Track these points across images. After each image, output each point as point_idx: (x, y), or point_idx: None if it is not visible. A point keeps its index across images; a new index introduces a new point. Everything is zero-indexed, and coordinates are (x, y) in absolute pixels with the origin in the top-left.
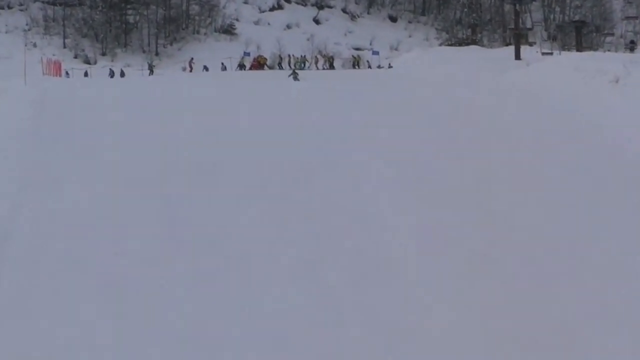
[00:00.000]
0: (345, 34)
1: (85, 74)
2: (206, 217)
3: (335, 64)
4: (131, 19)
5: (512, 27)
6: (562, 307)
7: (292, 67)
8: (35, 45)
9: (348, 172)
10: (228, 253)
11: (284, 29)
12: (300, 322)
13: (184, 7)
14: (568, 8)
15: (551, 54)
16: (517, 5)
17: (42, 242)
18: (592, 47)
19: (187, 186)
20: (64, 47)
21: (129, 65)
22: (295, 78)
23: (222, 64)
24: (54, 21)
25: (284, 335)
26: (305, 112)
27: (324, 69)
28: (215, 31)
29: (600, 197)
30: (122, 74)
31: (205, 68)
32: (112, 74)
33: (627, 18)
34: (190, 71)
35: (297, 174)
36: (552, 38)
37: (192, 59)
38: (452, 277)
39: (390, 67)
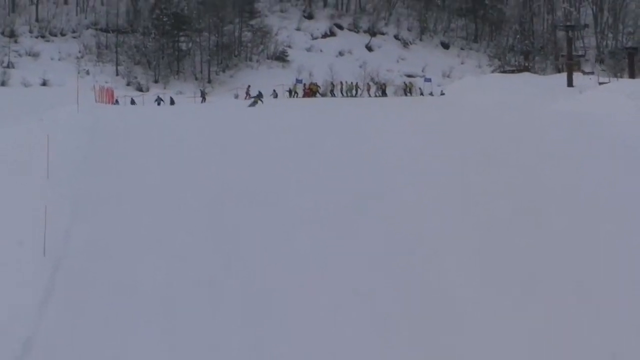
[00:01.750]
0: (398, 61)
1: (132, 102)
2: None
3: (387, 91)
4: (183, 46)
5: (565, 54)
6: None
7: (344, 94)
8: (88, 72)
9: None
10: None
11: (337, 56)
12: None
13: (236, 34)
14: (621, 34)
15: (608, 82)
16: (570, 32)
17: (92, 270)
18: None
19: (239, 212)
20: (117, 74)
21: (181, 93)
22: (254, 104)
23: (274, 90)
24: (106, 48)
25: None
26: (360, 138)
27: (376, 96)
28: (268, 58)
29: None
30: (172, 102)
31: (248, 94)
32: (159, 102)
33: None
34: (246, 98)
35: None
36: (599, 61)
37: (249, 86)
38: None
39: (442, 94)
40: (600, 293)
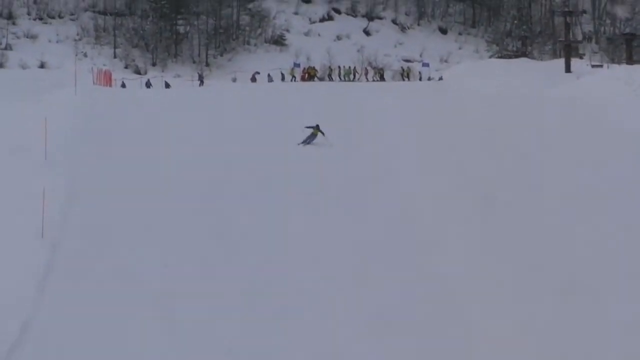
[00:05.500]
0: (395, 46)
1: (123, 85)
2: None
3: (385, 76)
4: (181, 30)
5: (562, 39)
6: None
7: (342, 78)
8: (85, 55)
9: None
10: None
11: (334, 40)
12: None
13: (234, 18)
14: (619, 21)
15: (601, 66)
16: (568, 18)
17: (90, 252)
18: None
19: (237, 199)
20: (115, 57)
21: (179, 76)
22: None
23: (269, 75)
24: (104, 31)
25: None
26: (359, 121)
27: (374, 80)
28: (266, 42)
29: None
30: (167, 85)
31: (254, 78)
32: (148, 85)
33: None
34: (252, 81)
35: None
36: (602, 50)
37: (255, 72)
38: None
39: (440, 79)
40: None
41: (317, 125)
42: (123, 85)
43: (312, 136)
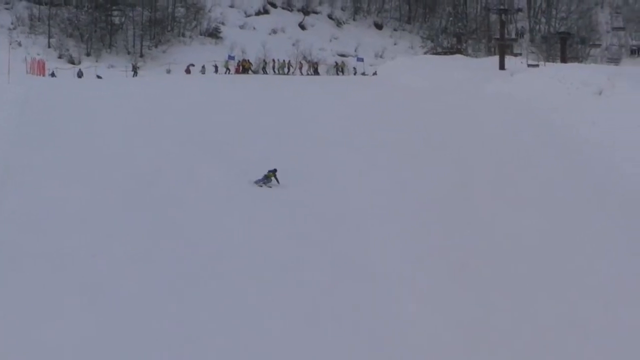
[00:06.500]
0: (331, 40)
1: (52, 74)
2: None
3: (319, 70)
4: (116, 20)
5: (497, 37)
6: None
7: (276, 71)
8: (20, 44)
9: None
10: None
11: (270, 34)
12: None
13: (169, 10)
14: (554, 19)
15: (537, 65)
16: (503, 16)
17: (20, 241)
18: (577, 59)
19: (169, 192)
20: (49, 46)
21: (113, 66)
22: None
23: (203, 67)
24: (39, 20)
25: None
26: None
27: (308, 74)
28: (201, 34)
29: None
30: (99, 77)
31: (188, 70)
32: (80, 75)
33: (615, 29)
34: (188, 73)
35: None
36: (536, 47)
37: (190, 64)
38: None
39: (374, 74)
40: None
41: (275, 170)
42: (53, 75)
43: (266, 179)
